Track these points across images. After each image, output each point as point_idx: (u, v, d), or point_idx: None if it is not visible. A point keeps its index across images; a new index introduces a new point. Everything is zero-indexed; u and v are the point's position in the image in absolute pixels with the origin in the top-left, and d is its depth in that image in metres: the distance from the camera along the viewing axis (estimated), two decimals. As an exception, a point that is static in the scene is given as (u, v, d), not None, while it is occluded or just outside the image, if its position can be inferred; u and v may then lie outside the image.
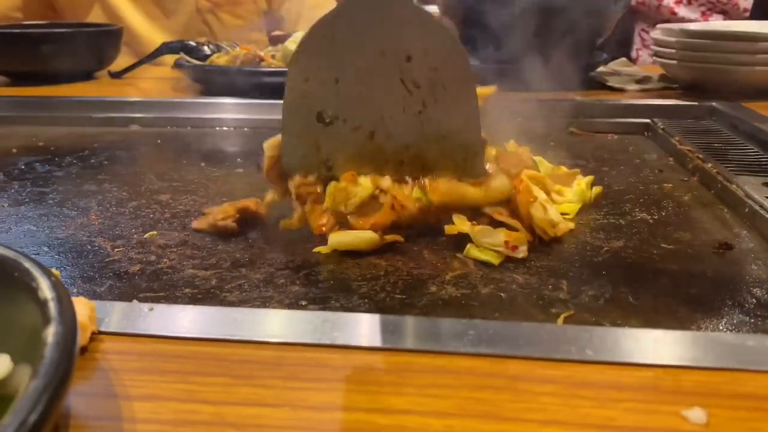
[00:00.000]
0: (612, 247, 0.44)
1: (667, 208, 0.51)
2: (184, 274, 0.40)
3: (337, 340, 0.29)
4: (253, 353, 0.29)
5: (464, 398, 0.26)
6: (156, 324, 0.31)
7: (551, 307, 0.36)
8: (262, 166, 0.47)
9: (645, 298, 0.37)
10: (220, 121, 0.82)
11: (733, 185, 0.51)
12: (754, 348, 0.29)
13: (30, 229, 0.48)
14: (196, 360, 0.29)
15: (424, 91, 0.44)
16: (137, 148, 0.74)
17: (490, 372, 0.27)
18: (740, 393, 0.26)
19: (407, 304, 0.36)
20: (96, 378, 0.27)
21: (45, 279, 0.25)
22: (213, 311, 0.33)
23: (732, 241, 0.44)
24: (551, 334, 0.30)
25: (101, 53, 1.07)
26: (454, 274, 0.40)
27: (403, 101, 0.44)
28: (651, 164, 0.64)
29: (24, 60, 1.01)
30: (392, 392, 0.26)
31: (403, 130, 0.44)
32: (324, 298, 0.37)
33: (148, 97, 0.89)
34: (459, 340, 0.29)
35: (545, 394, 0.26)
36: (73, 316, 0.23)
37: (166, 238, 0.46)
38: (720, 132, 0.71)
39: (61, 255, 0.44)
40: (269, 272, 0.40)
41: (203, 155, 0.70)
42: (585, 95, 0.84)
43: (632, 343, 0.29)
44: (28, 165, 0.66)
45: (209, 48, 1.00)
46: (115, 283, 0.39)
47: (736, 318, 0.35)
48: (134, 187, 0.58)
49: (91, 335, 0.30)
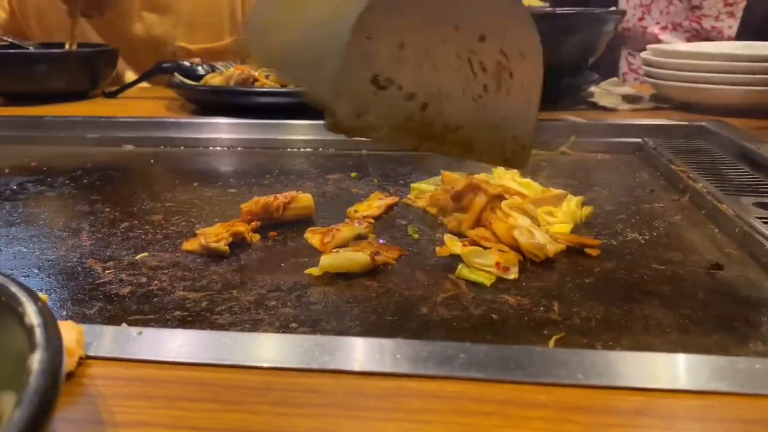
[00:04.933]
0: (603, 267, 0.44)
1: (659, 228, 0.51)
2: (174, 296, 0.40)
3: (326, 364, 0.29)
4: (242, 378, 0.29)
5: (454, 423, 0.26)
6: (145, 348, 0.31)
7: (543, 329, 0.36)
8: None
9: (636, 319, 0.37)
10: (214, 141, 0.82)
11: (724, 205, 0.51)
12: (746, 371, 0.29)
13: (20, 251, 0.48)
14: (185, 385, 0.28)
15: (489, 75, 0.42)
16: (130, 169, 0.74)
17: (480, 397, 0.27)
18: (732, 417, 0.26)
19: (398, 326, 0.36)
20: (83, 404, 0.27)
21: (32, 304, 0.24)
22: (202, 335, 0.32)
23: (723, 262, 0.44)
24: (542, 357, 0.30)
25: (95, 73, 1.07)
26: (446, 295, 0.40)
27: (465, 81, 0.42)
28: (642, 184, 0.64)
29: (18, 80, 1.01)
30: (382, 418, 0.26)
31: (457, 110, 0.42)
32: (315, 321, 0.37)
33: (141, 116, 0.89)
34: (449, 364, 0.29)
35: (535, 419, 0.26)
36: (59, 343, 0.23)
37: (158, 260, 0.46)
38: (710, 151, 0.71)
39: (51, 277, 0.44)
40: (260, 294, 0.40)
41: (196, 175, 0.70)
42: (576, 115, 0.84)
43: (623, 367, 0.29)
44: (20, 185, 0.66)
45: (203, 68, 1.01)
46: (105, 306, 0.39)
47: (727, 340, 0.35)
48: (126, 207, 0.58)
49: (79, 360, 0.29)
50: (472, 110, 0.43)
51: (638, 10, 1.51)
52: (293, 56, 0.44)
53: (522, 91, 0.43)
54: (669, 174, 0.65)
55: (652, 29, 1.50)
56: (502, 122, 0.43)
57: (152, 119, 0.88)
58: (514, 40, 0.42)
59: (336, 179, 0.66)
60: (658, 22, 1.49)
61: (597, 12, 0.92)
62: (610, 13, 0.91)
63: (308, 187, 0.64)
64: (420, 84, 0.42)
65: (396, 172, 0.68)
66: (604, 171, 0.69)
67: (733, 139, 0.70)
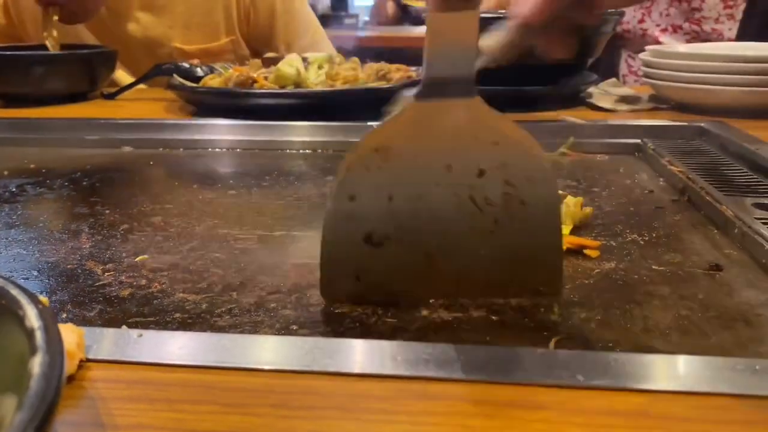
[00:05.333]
0: (603, 268, 0.44)
1: (658, 229, 0.51)
2: (174, 298, 0.40)
3: (327, 366, 0.29)
4: (242, 380, 0.29)
5: (455, 426, 0.26)
6: (145, 351, 0.31)
7: (543, 330, 0.36)
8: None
9: (636, 320, 0.37)
10: (213, 142, 0.82)
11: (723, 206, 0.51)
12: (746, 372, 0.29)
13: (20, 253, 0.48)
14: (186, 388, 0.28)
15: (497, 208, 0.38)
16: (129, 170, 0.74)
17: (482, 399, 0.27)
18: (732, 418, 0.26)
19: (399, 328, 0.36)
20: (83, 407, 0.27)
21: (32, 307, 0.24)
22: (203, 337, 0.32)
23: (722, 263, 0.44)
24: (542, 359, 0.30)
25: (94, 75, 1.07)
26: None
27: (471, 219, 0.38)
28: (641, 185, 0.64)
29: (16, 82, 1.01)
30: (382, 420, 0.26)
31: (468, 250, 0.39)
32: (315, 323, 0.37)
33: (140, 118, 0.89)
34: (450, 367, 0.29)
35: (537, 421, 0.26)
36: (60, 346, 0.23)
37: (158, 262, 0.46)
38: (709, 152, 0.71)
39: (51, 279, 0.44)
40: (260, 296, 0.40)
41: (196, 177, 0.70)
42: (575, 116, 0.84)
43: (624, 368, 0.29)
44: (19, 187, 0.66)
45: (202, 69, 1.01)
46: (105, 308, 0.39)
47: (727, 341, 0.35)
48: (126, 209, 0.58)
49: (80, 363, 0.29)
50: (485, 249, 0.39)
51: (638, 13, 1.52)
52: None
53: (539, 216, 0.38)
54: (668, 175, 0.65)
55: (652, 32, 1.50)
56: (524, 255, 0.39)
57: (151, 121, 0.88)
58: (517, 167, 0.38)
59: (335, 181, 0.66)
60: (658, 24, 1.49)
61: (595, 13, 0.92)
62: (609, 14, 0.91)
63: (308, 188, 0.64)
64: (420, 232, 0.38)
65: (395, 174, 0.68)
66: (603, 172, 0.69)
67: (733, 140, 0.70)
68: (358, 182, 0.37)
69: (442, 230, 0.38)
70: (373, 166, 0.37)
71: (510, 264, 0.39)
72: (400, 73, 0.94)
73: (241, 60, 1.25)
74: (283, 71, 0.89)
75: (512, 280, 0.40)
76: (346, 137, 0.80)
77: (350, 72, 0.93)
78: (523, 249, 0.39)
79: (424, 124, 0.36)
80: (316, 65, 0.95)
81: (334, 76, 0.92)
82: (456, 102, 0.36)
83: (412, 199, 0.38)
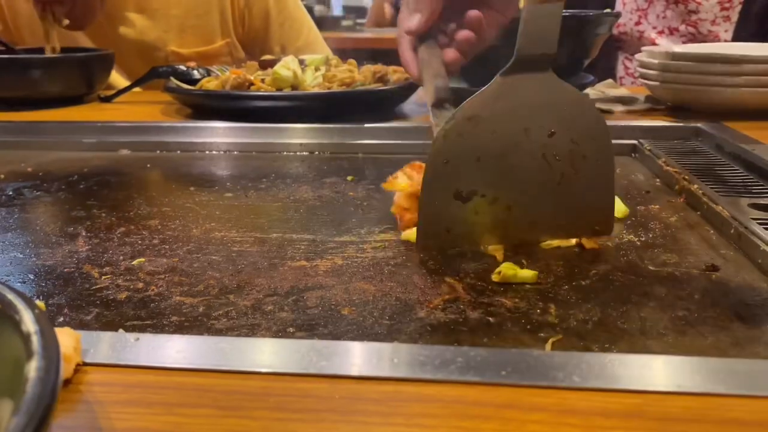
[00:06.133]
0: (600, 269, 0.44)
1: (654, 229, 0.51)
2: (171, 301, 0.40)
3: (324, 369, 0.29)
4: (239, 383, 0.29)
5: (452, 427, 0.26)
6: (142, 354, 0.31)
7: (540, 332, 0.36)
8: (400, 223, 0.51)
9: (633, 321, 0.37)
10: (210, 145, 0.82)
11: (719, 206, 0.52)
12: (742, 372, 0.29)
13: (17, 257, 0.48)
14: (183, 391, 0.28)
15: (564, 163, 0.46)
16: (126, 173, 0.74)
17: (478, 400, 0.27)
18: (728, 419, 0.26)
19: (395, 330, 0.36)
20: (80, 411, 0.27)
21: (28, 311, 0.24)
22: (200, 341, 0.32)
23: (719, 263, 0.44)
24: (538, 360, 0.30)
25: (91, 78, 1.07)
26: (443, 298, 0.40)
27: (543, 174, 0.46)
28: (638, 185, 0.64)
29: (13, 85, 1.01)
30: (380, 422, 0.26)
31: (540, 201, 0.46)
32: (312, 325, 0.37)
33: (137, 121, 0.89)
34: (447, 368, 0.29)
35: (533, 422, 0.26)
36: (56, 350, 0.23)
37: (155, 265, 0.46)
38: (705, 153, 0.71)
39: (48, 283, 0.43)
40: (257, 299, 0.40)
41: (193, 180, 0.70)
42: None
43: (619, 369, 0.29)
44: (16, 191, 0.66)
45: (199, 72, 1.01)
46: (102, 312, 0.39)
47: (723, 342, 0.35)
48: (123, 212, 0.58)
49: (76, 367, 0.29)
50: (554, 198, 0.46)
51: (635, 15, 1.52)
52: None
53: (598, 167, 0.46)
54: (664, 175, 0.65)
55: (649, 34, 1.50)
56: (584, 201, 0.47)
57: (148, 123, 0.88)
58: (581, 127, 0.45)
59: (332, 182, 0.67)
60: (655, 26, 1.50)
61: (591, 14, 0.92)
62: (605, 15, 0.92)
63: (304, 191, 0.64)
64: (501, 188, 0.46)
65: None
66: (600, 173, 0.69)
67: (729, 141, 0.70)
68: (452, 148, 0.45)
69: (520, 185, 0.46)
70: (465, 132, 0.44)
71: (573, 210, 0.47)
72: (398, 74, 0.94)
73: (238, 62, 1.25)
74: (279, 74, 0.89)
75: (574, 223, 0.47)
76: (343, 139, 0.80)
77: (347, 74, 0.93)
78: (583, 196, 0.47)
79: (509, 95, 0.44)
80: (313, 67, 0.96)
81: (331, 78, 0.92)
82: (534, 76, 0.44)
83: (496, 159, 0.45)
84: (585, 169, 0.46)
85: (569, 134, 0.45)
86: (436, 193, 0.45)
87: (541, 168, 0.46)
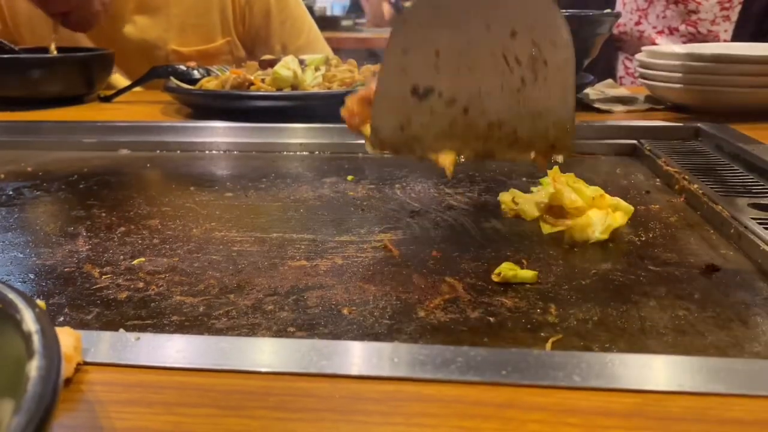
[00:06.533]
0: (600, 269, 0.44)
1: (655, 229, 0.51)
2: (171, 301, 0.40)
3: (324, 368, 0.29)
4: (240, 383, 0.29)
5: (452, 427, 0.26)
6: (142, 354, 0.31)
7: (540, 331, 0.36)
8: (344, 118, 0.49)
9: (633, 321, 0.37)
10: (210, 144, 0.82)
11: (719, 206, 0.52)
12: (742, 372, 0.29)
13: (17, 257, 0.48)
14: (183, 390, 0.28)
15: (524, 68, 0.44)
16: (126, 173, 0.74)
17: (478, 400, 0.27)
18: (728, 418, 0.26)
19: (395, 330, 0.36)
20: (81, 410, 0.27)
21: (29, 311, 0.24)
22: (200, 340, 0.32)
23: (719, 263, 0.44)
24: (539, 359, 0.30)
25: (91, 77, 1.07)
26: (443, 298, 0.40)
27: (502, 77, 0.44)
28: (638, 185, 0.64)
29: (13, 85, 1.01)
30: (380, 422, 0.26)
31: (498, 106, 0.45)
32: (312, 325, 0.37)
33: (137, 121, 0.89)
34: (447, 368, 0.29)
35: (533, 422, 0.26)
36: (57, 350, 0.23)
37: (155, 264, 0.46)
38: (706, 153, 0.71)
39: (48, 282, 0.43)
40: (257, 298, 0.40)
41: (193, 179, 0.70)
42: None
43: (619, 369, 0.29)
44: (16, 190, 0.66)
45: (199, 72, 1.01)
46: (103, 311, 0.39)
47: (723, 341, 0.35)
48: (123, 212, 0.58)
49: (77, 366, 0.29)
50: (512, 104, 0.45)
51: (635, 15, 1.52)
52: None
53: (558, 77, 0.44)
54: (664, 175, 0.65)
55: (649, 34, 1.50)
56: (543, 110, 0.45)
57: (148, 123, 0.88)
58: (544, 30, 0.43)
59: (332, 182, 0.67)
60: (655, 26, 1.50)
61: (591, 14, 0.92)
62: (605, 15, 0.92)
63: (304, 190, 0.64)
64: (459, 87, 0.44)
65: (392, 175, 0.68)
66: (600, 172, 0.69)
67: (728, 141, 0.70)
68: (412, 37, 0.43)
69: (478, 85, 0.44)
70: (425, 22, 0.43)
71: (531, 121, 0.45)
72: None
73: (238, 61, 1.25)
74: (279, 74, 0.89)
75: (533, 134, 0.46)
76: (343, 139, 0.80)
77: (347, 74, 0.93)
78: (542, 106, 0.45)
79: None
80: (313, 67, 0.96)
81: (331, 78, 0.92)
82: None
83: (455, 55, 0.43)
84: (545, 76, 0.44)
85: (530, 36, 0.43)
86: (393, 86, 0.44)
87: (501, 70, 0.44)
